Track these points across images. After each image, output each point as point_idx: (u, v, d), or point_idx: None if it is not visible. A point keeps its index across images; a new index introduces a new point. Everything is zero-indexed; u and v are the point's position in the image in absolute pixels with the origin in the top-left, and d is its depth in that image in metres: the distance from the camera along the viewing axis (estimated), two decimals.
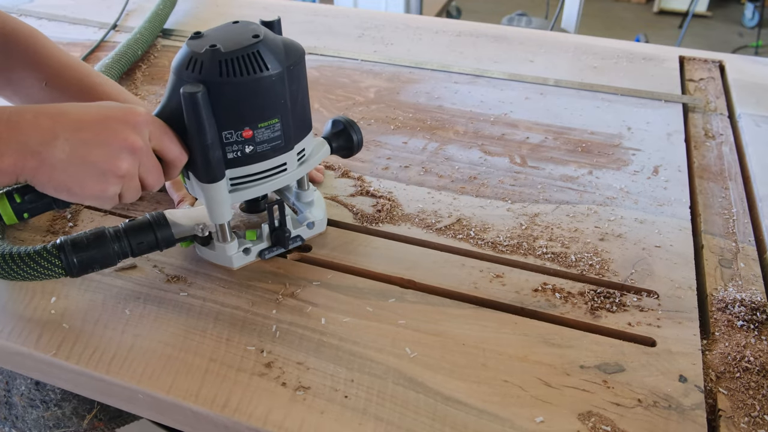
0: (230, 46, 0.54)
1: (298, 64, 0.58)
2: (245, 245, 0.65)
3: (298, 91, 0.59)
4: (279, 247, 0.66)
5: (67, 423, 0.71)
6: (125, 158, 0.52)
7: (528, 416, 0.51)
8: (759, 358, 0.56)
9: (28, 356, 0.58)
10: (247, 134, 0.57)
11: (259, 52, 0.54)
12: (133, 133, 0.53)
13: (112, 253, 0.58)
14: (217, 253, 0.64)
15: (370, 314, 0.61)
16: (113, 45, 1.20)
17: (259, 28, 0.57)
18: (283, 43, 0.57)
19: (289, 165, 0.62)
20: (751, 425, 0.51)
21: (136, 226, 0.60)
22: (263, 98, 0.56)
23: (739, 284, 0.65)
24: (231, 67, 0.53)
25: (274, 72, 0.55)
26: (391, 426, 0.51)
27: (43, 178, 0.51)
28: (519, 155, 0.86)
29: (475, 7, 4.31)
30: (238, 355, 0.57)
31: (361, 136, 0.68)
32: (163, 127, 0.55)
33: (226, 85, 0.54)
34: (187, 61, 0.54)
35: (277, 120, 0.58)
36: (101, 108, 0.54)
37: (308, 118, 0.63)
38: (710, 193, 0.80)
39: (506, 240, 0.70)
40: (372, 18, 1.36)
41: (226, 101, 0.54)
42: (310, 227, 0.69)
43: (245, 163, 0.58)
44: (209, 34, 0.56)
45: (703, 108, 1.00)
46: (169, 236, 0.61)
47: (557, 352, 0.57)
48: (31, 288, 0.64)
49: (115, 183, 0.53)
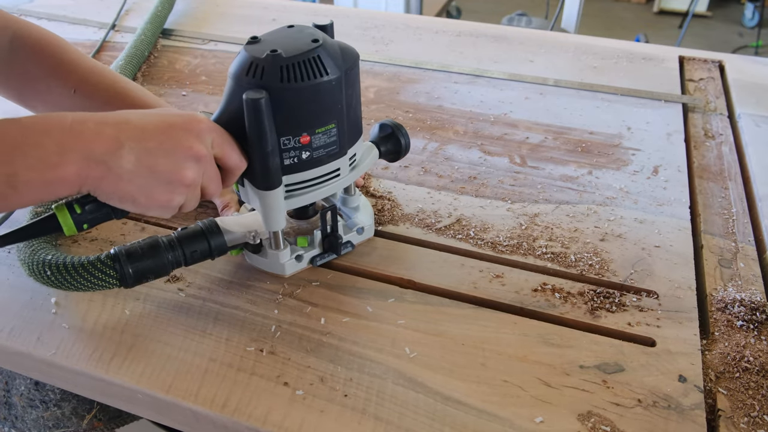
0: (291, 51, 0.53)
1: (354, 68, 0.57)
2: (297, 252, 0.64)
3: (353, 96, 0.58)
4: (331, 254, 0.66)
5: (67, 423, 0.71)
6: (191, 167, 0.51)
7: (527, 416, 0.51)
8: (758, 358, 0.56)
9: (27, 356, 0.58)
10: (304, 140, 0.56)
11: (320, 56, 0.54)
12: (197, 141, 0.52)
13: (167, 262, 0.57)
14: (269, 260, 0.64)
15: (370, 314, 0.61)
16: (114, 45, 1.20)
17: (316, 32, 0.56)
18: (339, 47, 0.56)
19: (342, 170, 0.61)
20: (750, 425, 0.51)
21: (190, 234, 0.59)
22: (322, 103, 0.55)
23: (739, 284, 0.65)
24: (292, 73, 0.53)
25: (333, 77, 0.54)
26: (390, 426, 0.51)
27: (109, 188, 0.50)
28: (519, 155, 0.86)
29: (475, 7, 4.31)
30: (238, 354, 0.57)
31: (408, 139, 0.67)
32: (224, 135, 0.54)
33: (287, 90, 0.53)
34: (248, 67, 0.53)
35: (334, 125, 0.57)
36: (163, 116, 0.52)
37: (360, 122, 0.62)
38: (710, 193, 0.80)
39: (506, 240, 0.70)
40: (372, 18, 1.36)
41: (286, 107, 0.54)
42: (360, 233, 0.68)
43: (301, 169, 0.58)
44: (267, 39, 0.56)
45: (702, 108, 1.00)
46: (222, 244, 0.60)
47: (557, 352, 0.57)
48: (31, 288, 0.64)
49: (181, 193, 0.52)
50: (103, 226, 0.73)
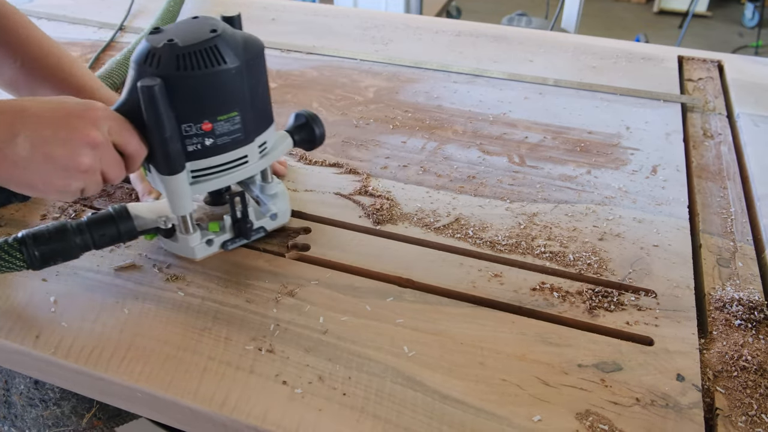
0: (188, 40, 0.55)
1: (257, 58, 0.59)
2: (208, 236, 0.66)
3: (258, 85, 0.60)
4: (242, 239, 0.67)
5: (66, 422, 0.72)
6: (87, 154, 0.53)
7: (526, 415, 0.51)
8: (756, 357, 0.56)
9: (27, 355, 0.59)
10: (206, 127, 0.58)
11: (217, 46, 0.56)
12: (93, 128, 0.54)
13: (74, 245, 0.59)
14: (179, 244, 0.66)
15: (369, 313, 0.61)
16: (122, 45, 1.20)
17: (217, 23, 0.58)
18: (242, 38, 0.58)
19: (251, 157, 0.63)
20: (748, 424, 0.51)
21: (98, 219, 0.61)
22: (221, 91, 0.57)
23: (737, 283, 0.65)
24: (188, 61, 0.55)
25: (232, 66, 0.56)
26: (389, 424, 0.51)
27: (5, 174, 0.52)
28: (518, 155, 0.86)
29: (475, 7, 4.31)
30: (237, 353, 0.57)
31: (323, 129, 0.69)
32: (121, 122, 0.56)
33: (183, 78, 0.55)
34: (146, 56, 0.55)
35: (237, 113, 0.59)
36: (60, 104, 0.54)
37: (269, 111, 0.64)
38: (708, 193, 0.80)
39: (505, 239, 0.70)
40: (372, 18, 1.36)
41: (184, 94, 0.56)
42: (273, 219, 0.70)
43: (205, 155, 0.59)
44: (168, 29, 0.58)
45: (701, 108, 1.00)
46: (132, 229, 0.62)
47: (555, 351, 0.57)
48: (30, 286, 0.64)
49: (78, 178, 0.54)
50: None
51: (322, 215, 0.74)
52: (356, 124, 0.94)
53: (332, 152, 0.87)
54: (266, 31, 1.29)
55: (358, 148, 0.88)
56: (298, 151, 0.87)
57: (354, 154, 0.87)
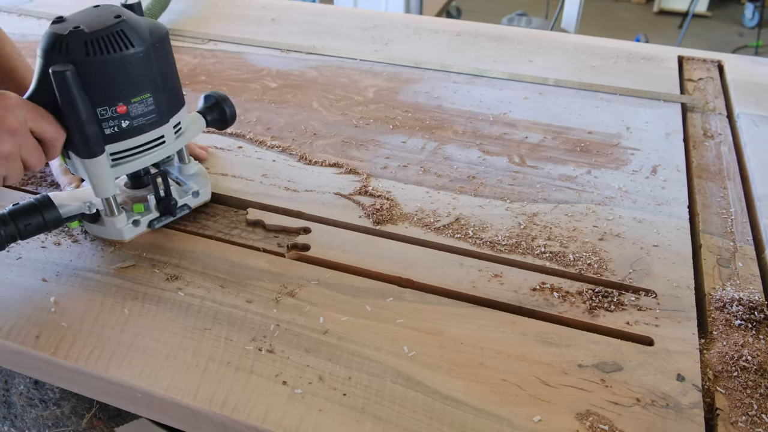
0: (94, 26, 0.57)
1: (163, 42, 0.61)
2: (134, 217, 0.68)
3: (168, 68, 0.63)
4: (168, 216, 0.69)
5: (66, 422, 0.72)
6: (6, 141, 0.54)
7: (526, 415, 0.51)
8: (757, 357, 0.56)
9: (26, 355, 0.59)
10: (121, 109, 0.59)
11: (123, 30, 0.58)
12: (9, 115, 0.55)
13: (1, 237, 0.60)
14: (107, 228, 0.67)
15: (369, 313, 0.61)
16: None
17: (120, 9, 0.60)
18: (146, 24, 0.60)
19: (167, 137, 0.65)
20: (748, 424, 0.51)
21: (22, 209, 0.62)
22: (132, 74, 0.59)
23: (737, 284, 0.65)
24: (97, 46, 0.56)
25: (140, 49, 0.58)
26: (389, 425, 0.51)
27: None
28: (518, 155, 0.86)
29: (475, 7, 4.31)
30: (237, 353, 0.57)
31: (233, 109, 0.72)
32: (36, 109, 0.57)
33: (93, 63, 0.56)
34: (53, 44, 0.57)
35: (149, 95, 0.61)
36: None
37: (180, 94, 0.66)
38: (709, 193, 0.80)
39: (505, 239, 0.70)
40: (372, 18, 1.36)
41: (95, 79, 0.57)
42: (196, 196, 0.72)
43: (123, 137, 0.61)
44: (72, 18, 0.59)
45: (702, 108, 1.00)
46: (57, 217, 0.63)
47: (555, 351, 0.57)
48: (30, 287, 0.64)
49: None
50: None
51: (322, 215, 0.74)
52: (356, 124, 0.94)
53: (332, 152, 0.87)
54: (266, 31, 1.29)
55: (358, 148, 0.88)
56: (298, 150, 0.87)
57: (354, 154, 0.87)
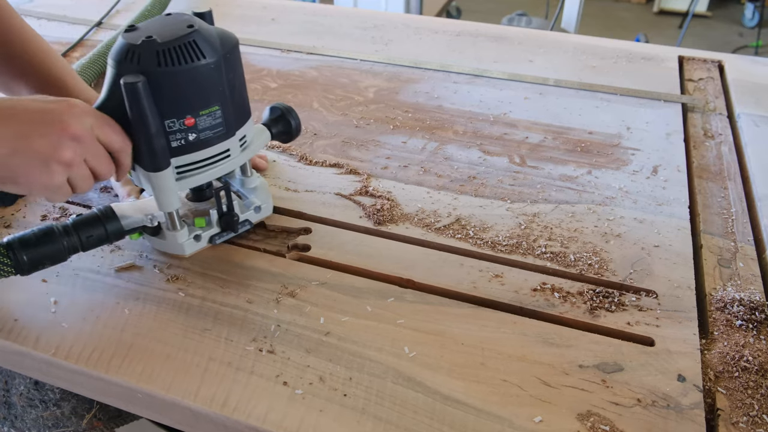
0: (166, 36, 0.56)
1: (233, 53, 0.60)
2: (195, 232, 0.66)
3: (236, 79, 0.61)
4: (229, 232, 0.68)
5: (66, 423, 0.71)
6: (68, 146, 0.53)
7: (527, 416, 0.51)
8: (757, 358, 0.56)
9: (27, 356, 0.58)
10: (189, 122, 0.58)
11: (195, 41, 0.56)
12: (74, 121, 0.54)
13: (62, 248, 0.59)
14: (167, 241, 0.66)
15: (369, 314, 0.61)
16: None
17: (192, 18, 0.59)
18: (217, 33, 0.59)
19: (233, 151, 0.64)
20: (749, 425, 0.51)
21: (85, 220, 0.61)
22: (202, 86, 0.58)
23: (738, 284, 0.65)
24: (169, 57, 0.55)
25: (211, 60, 0.57)
26: (389, 425, 0.51)
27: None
28: (518, 155, 0.86)
29: (475, 7, 4.31)
30: (237, 354, 0.57)
31: (298, 121, 0.70)
32: (103, 117, 0.56)
33: (165, 74, 0.55)
34: (125, 54, 0.56)
35: (218, 107, 0.59)
36: (42, 101, 0.55)
37: (247, 105, 0.65)
38: (709, 193, 0.80)
39: (505, 240, 0.70)
40: (372, 18, 1.36)
41: (166, 90, 0.56)
42: (257, 211, 0.71)
43: (189, 150, 0.60)
44: (144, 26, 0.58)
45: (702, 108, 1.00)
46: (119, 228, 0.62)
47: (556, 351, 0.57)
48: (30, 287, 0.64)
49: (59, 172, 0.54)
50: None
51: (322, 215, 0.74)
52: (356, 125, 0.94)
53: (332, 152, 0.87)
54: (266, 31, 1.29)
55: (358, 148, 0.88)
56: (298, 151, 0.87)
57: (354, 154, 0.87)
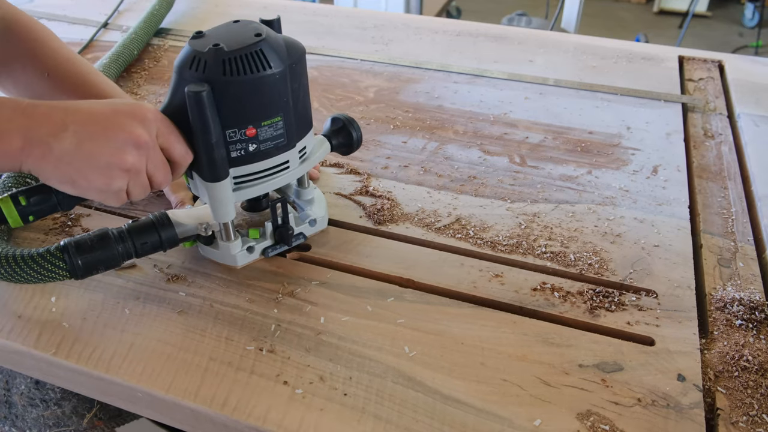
0: (233, 45, 0.54)
1: (300, 62, 0.58)
2: (249, 243, 0.65)
3: (300, 89, 0.59)
4: (282, 245, 0.66)
5: (67, 422, 0.72)
6: (131, 152, 0.53)
7: (527, 415, 0.51)
8: (757, 357, 0.56)
9: (27, 355, 0.59)
10: (250, 132, 0.57)
11: (262, 50, 0.55)
12: (140, 127, 0.53)
13: (117, 254, 0.58)
14: (221, 252, 0.64)
15: (369, 313, 0.61)
16: (103, 44, 1.20)
17: (260, 26, 0.57)
18: (284, 42, 0.57)
19: (292, 163, 0.62)
20: (749, 424, 0.51)
21: (140, 226, 0.60)
22: (266, 96, 0.56)
23: (738, 284, 0.65)
24: (234, 66, 0.54)
25: (277, 70, 0.55)
26: (389, 424, 0.51)
27: (49, 168, 0.51)
28: (518, 155, 0.86)
29: (475, 7, 4.31)
30: (238, 353, 0.57)
31: (360, 133, 0.68)
32: (170, 126, 0.55)
33: (229, 83, 0.54)
34: (191, 61, 0.54)
35: (280, 118, 0.58)
36: (111, 103, 0.54)
37: (309, 116, 0.63)
38: (709, 193, 0.80)
39: (505, 239, 0.70)
40: (372, 18, 1.36)
41: (229, 100, 0.55)
42: (312, 225, 0.69)
43: (249, 161, 0.59)
44: (211, 34, 0.57)
45: (702, 108, 1.00)
46: (173, 236, 0.61)
47: (556, 351, 0.57)
48: (31, 287, 0.64)
49: (119, 177, 0.53)
50: None
51: None
52: None
53: (333, 152, 0.87)
54: None
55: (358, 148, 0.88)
56: None
57: (355, 154, 0.87)
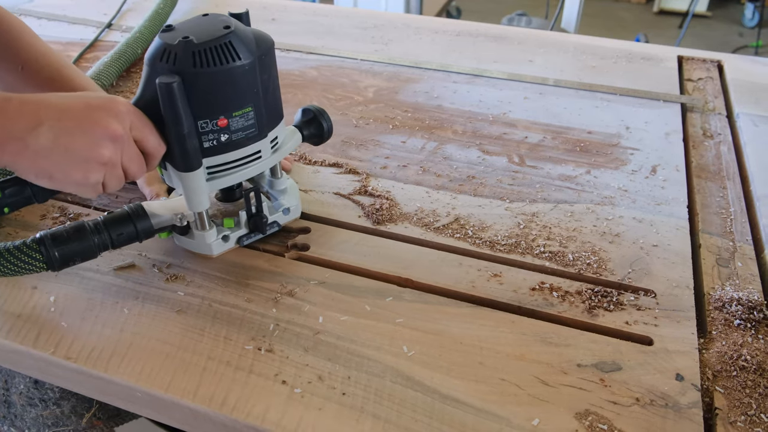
0: (203, 37, 0.55)
1: (268, 54, 0.60)
2: (224, 233, 0.66)
3: (269, 81, 0.61)
4: (257, 233, 0.68)
5: (66, 422, 0.72)
6: (107, 146, 0.53)
7: (525, 415, 0.51)
8: (755, 357, 0.56)
9: (26, 355, 0.59)
10: (222, 123, 0.58)
11: (231, 42, 0.56)
12: (115, 121, 0.54)
13: (93, 245, 0.59)
14: (196, 241, 0.66)
15: (368, 313, 0.61)
16: (104, 44, 1.20)
17: (229, 19, 0.59)
18: (253, 34, 0.59)
19: (264, 152, 0.63)
20: (747, 424, 0.51)
21: (115, 218, 0.61)
22: (236, 87, 0.57)
23: (737, 283, 0.65)
24: (204, 58, 0.55)
25: (246, 61, 0.57)
26: (388, 424, 0.51)
27: (25, 163, 0.52)
28: (517, 155, 0.87)
29: (475, 7, 4.31)
30: (236, 353, 0.57)
31: (330, 123, 0.70)
32: (143, 118, 0.56)
33: (199, 75, 0.55)
34: (161, 53, 0.55)
35: (251, 108, 0.59)
36: (84, 97, 0.55)
37: (279, 107, 0.64)
38: (708, 193, 0.80)
39: (504, 239, 0.70)
40: (372, 18, 1.36)
41: (200, 91, 0.56)
42: (286, 213, 0.70)
43: (221, 151, 0.60)
44: (181, 27, 0.58)
45: (701, 108, 1.00)
46: (149, 227, 0.62)
47: (554, 350, 0.57)
48: (31, 286, 0.64)
49: (97, 170, 0.54)
50: None
51: (321, 215, 0.74)
52: (356, 124, 0.94)
53: (332, 152, 0.87)
54: (266, 30, 1.29)
55: (357, 148, 0.88)
56: (298, 150, 0.87)
57: (354, 153, 0.87)
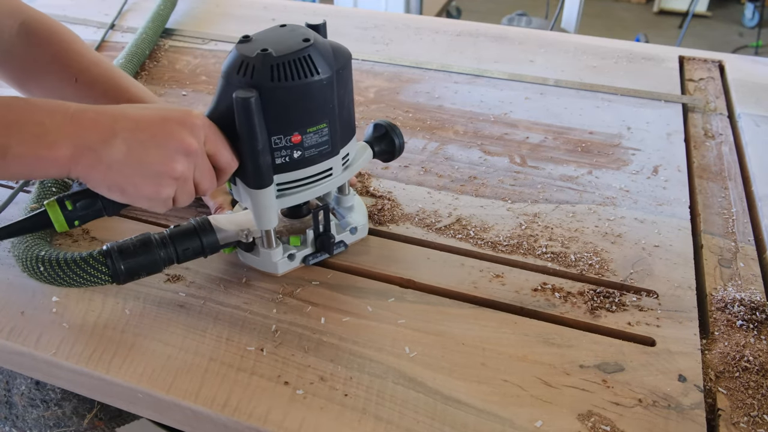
0: (281, 50, 0.53)
1: (346, 68, 0.57)
2: (290, 251, 0.64)
3: (345, 95, 0.58)
4: (323, 253, 0.65)
5: (68, 422, 0.72)
6: (180, 160, 0.52)
7: (528, 416, 0.51)
8: (758, 358, 0.56)
9: (28, 356, 0.59)
10: (296, 139, 0.56)
11: (310, 56, 0.54)
12: (189, 135, 0.52)
13: (158, 259, 0.58)
14: (261, 259, 0.64)
15: (370, 314, 0.61)
16: (113, 45, 1.20)
17: (308, 31, 0.56)
18: (331, 47, 0.56)
19: (335, 170, 0.61)
20: (750, 425, 0.51)
21: (182, 232, 0.59)
22: (313, 103, 0.55)
23: (739, 284, 0.65)
24: (282, 72, 0.53)
25: (324, 76, 0.54)
26: (390, 425, 0.51)
27: (98, 176, 0.51)
28: (519, 155, 0.86)
29: (475, 7, 4.31)
30: (238, 354, 0.57)
31: (402, 139, 0.67)
32: (217, 132, 0.55)
33: (277, 89, 0.53)
34: (238, 66, 0.53)
35: (326, 125, 0.57)
36: (159, 110, 0.53)
37: (353, 122, 0.62)
38: (710, 193, 0.80)
39: (506, 240, 0.70)
40: (372, 18, 1.36)
41: (276, 106, 0.54)
42: (353, 232, 0.68)
43: (293, 168, 0.58)
44: (258, 38, 0.56)
45: (702, 108, 1.00)
46: (214, 242, 0.60)
47: (557, 351, 0.57)
48: (32, 287, 0.64)
49: (169, 185, 0.53)
50: (107, 227, 0.73)
51: None
52: (357, 125, 0.94)
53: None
54: None
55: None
56: None
57: None
